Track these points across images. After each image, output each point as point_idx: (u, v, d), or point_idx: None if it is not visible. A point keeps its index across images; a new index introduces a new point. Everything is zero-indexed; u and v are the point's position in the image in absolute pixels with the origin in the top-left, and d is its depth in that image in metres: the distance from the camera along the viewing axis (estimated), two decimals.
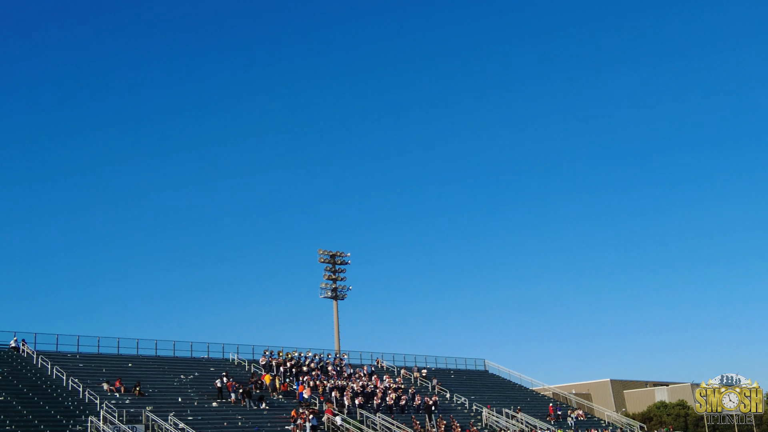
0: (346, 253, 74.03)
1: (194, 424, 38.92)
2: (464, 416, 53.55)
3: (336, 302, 72.70)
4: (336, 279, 73.08)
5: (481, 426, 52.09)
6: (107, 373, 44.83)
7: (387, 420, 46.59)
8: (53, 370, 42.48)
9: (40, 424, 34.76)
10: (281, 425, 42.39)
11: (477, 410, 55.45)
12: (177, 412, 39.87)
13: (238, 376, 49.99)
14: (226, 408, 43.81)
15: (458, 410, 55.19)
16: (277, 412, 44.67)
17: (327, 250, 72.98)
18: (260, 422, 42.26)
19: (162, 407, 40.47)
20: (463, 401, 57.30)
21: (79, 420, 36.20)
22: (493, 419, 53.64)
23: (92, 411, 37.19)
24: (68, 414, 36.92)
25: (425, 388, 59.25)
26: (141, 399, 41.61)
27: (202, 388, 46.40)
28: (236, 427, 41.00)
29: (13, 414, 35.30)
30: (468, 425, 50.65)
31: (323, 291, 73.10)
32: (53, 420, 35.80)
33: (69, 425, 35.52)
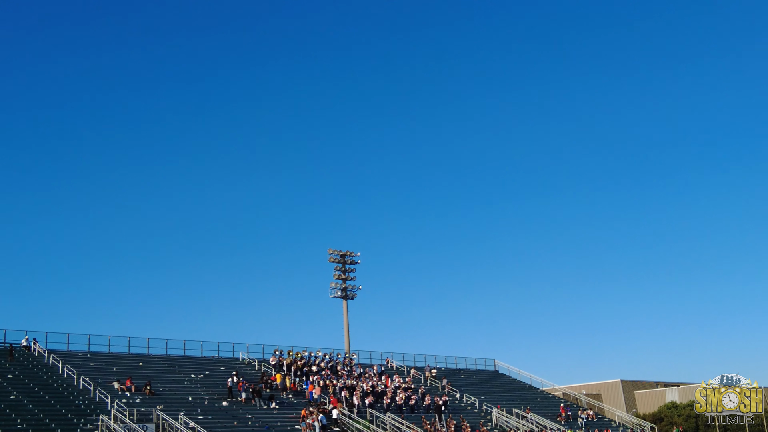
0: (356, 252, 74.03)
1: (204, 423, 39.01)
2: (474, 416, 53.47)
3: (346, 302, 72.70)
4: (346, 279, 73.06)
5: (491, 426, 52.00)
6: (118, 372, 45.01)
7: (397, 420, 46.56)
8: (64, 369, 42.68)
9: (51, 422, 34.92)
10: (291, 424, 42.45)
11: (487, 410, 55.36)
12: (187, 411, 39.99)
13: (248, 375, 50.09)
14: (237, 407, 43.90)
15: (468, 410, 55.12)
16: (287, 412, 44.73)
17: (337, 250, 72.97)
18: (270, 421, 42.32)
19: (172, 406, 40.61)
20: (473, 401, 57.22)
21: (90, 419, 36.35)
22: (503, 419, 53.54)
23: (103, 410, 37.35)
24: (79, 413, 37.08)
25: (435, 387, 59.20)
26: (151, 398, 41.76)
27: (213, 388, 46.52)
28: (246, 426, 41.07)
29: (25, 413, 35.48)
30: (478, 425, 50.57)
31: (333, 291, 73.11)
32: (64, 419, 35.97)
33: (80, 424, 35.67)
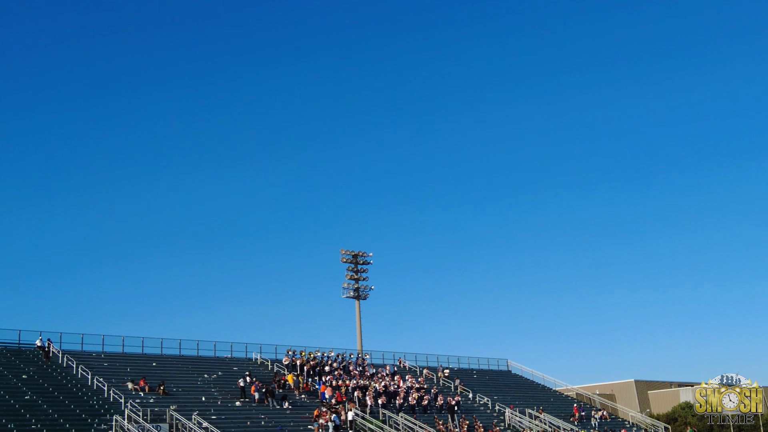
0: (368, 253, 74.06)
1: (218, 423, 39.11)
2: (487, 416, 53.38)
3: (358, 302, 72.72)
4: (358, 279, 73.08)
5: (504, 426, 51.89)
6: (132, 372, 45.19)
7: (409, 420, 46.53)
8: (78, 370, 42.90)
9: (66, 422, 35.08)
10: (304, 425, 42.50)
11: (500, 410, 55.26)
12: (201, 411, 40.11)
13: (261, 375, 50.18)
14: (249, 407, 43.99)
15: (481, 410, 55.02)
16: (299, 412, 44.79)
17: (349, 250, 73.01)
18: (283, 422, 42.38)
19: (186, 406, 40.73)
20: (486, 401, 57.12)
21: (104, 419, 36.51)
22: (516, 419, 53.41)
23: (117, 410, 37.51)
24: (93, 413, 37.25)
25: (448, 388, 59.13)
26: (165, 398, 41.91)
27: (226, 388, 46.63)
28: (259, 426, 41.15)
29: (39, 413, 35.66)
30: (491, 425, 50.47)
31: (346, 291, 73.11)
32: (78, 419, 36.13)
33: (94, 424, 35.84)
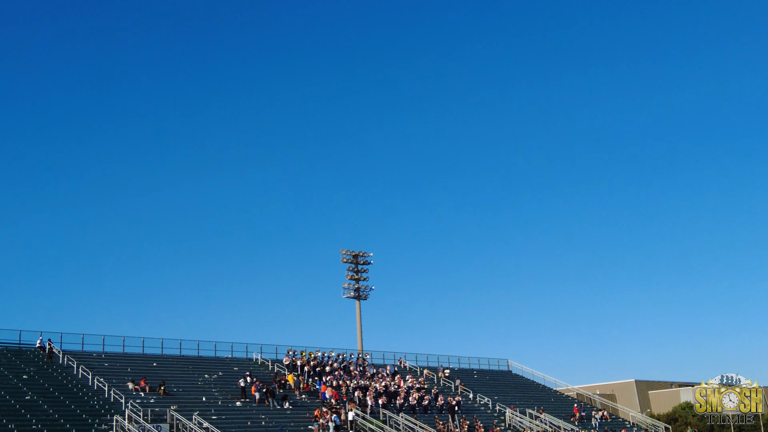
0: (368, 253, 73.99)
1: (218, 423, 39.12)
2: (487, 416, 53.38)
3: (359, 302, 72.70)
4: (359, 279, 73.06)
5: (505, 426, 51.89)
6: (132, 372, 45.21)
7: (410, 420, 46.53)
8: (79, 370, 42.92)
9: (66, 423, 35.10)
10: (304, 425, 42.51)
11: (500, 410, 55.27)
12: (201, 412, 40.12)
13: (261, 375, 50.19)
14: (250, 407, 44.00)
15: (481, 410, 55.03)
16: (300, 412, 44.80)
17: (350, 250, 72.99)
18: (283, 422, 42.39)
19: (186, 406, 40.75)
20: (487, 401, 57.13)
21: (105, 419, 36.53)
22: (517, 420, 53.42)
23: (117, 410, 37.52)
24: (94, 413, 37.27)
25: (448, 388, 59.14)
26: (165, 398, 41.92)
27: (226, 388, 46.65)
28: (260, 426, 41.16)
29: (40, 413, 35.68)
30: (491, 425, 50.48)
31: (346, 291, 73.06)
32: (79, 419, 36.15)
33: (95, 424, 35.86)
